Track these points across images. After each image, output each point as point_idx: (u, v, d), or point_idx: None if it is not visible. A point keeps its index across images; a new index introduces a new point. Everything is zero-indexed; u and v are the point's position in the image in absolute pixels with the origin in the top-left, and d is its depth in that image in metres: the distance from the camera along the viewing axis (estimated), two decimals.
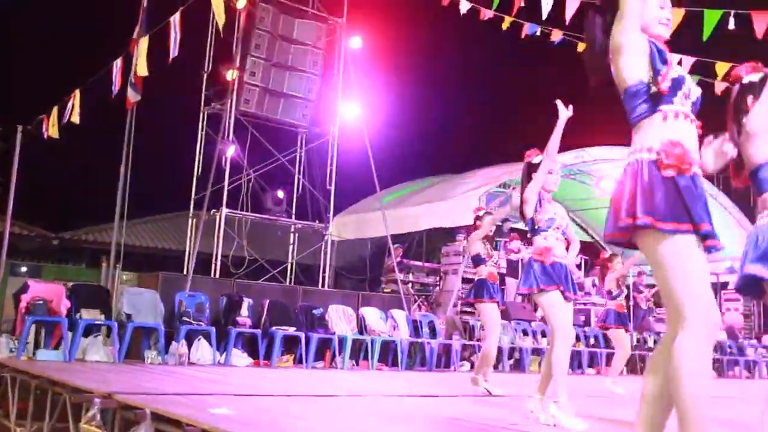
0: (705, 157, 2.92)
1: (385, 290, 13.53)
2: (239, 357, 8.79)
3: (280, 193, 12.09)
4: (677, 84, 2.72)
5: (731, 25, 7.39)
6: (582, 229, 19.10)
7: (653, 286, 15.22)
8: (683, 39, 7.53)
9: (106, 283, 11.93)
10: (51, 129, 9.04)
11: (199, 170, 12.07)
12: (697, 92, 2.83)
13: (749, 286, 2.82)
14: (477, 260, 7.48)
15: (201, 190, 12.25)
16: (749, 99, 2.95)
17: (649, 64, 2.73)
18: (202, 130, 12.15)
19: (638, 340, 13.47)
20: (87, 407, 4.42)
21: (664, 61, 2.74)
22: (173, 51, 8.51)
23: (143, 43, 12.68)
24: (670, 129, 2.69)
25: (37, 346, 7.84)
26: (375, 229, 14.37)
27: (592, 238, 19.36)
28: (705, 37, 7.69)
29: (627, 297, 9.47)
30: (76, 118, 8.96)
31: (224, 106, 11.66)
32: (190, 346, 8.52)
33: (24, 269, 21.32)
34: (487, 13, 9.23)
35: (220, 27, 8.66)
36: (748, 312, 18.34)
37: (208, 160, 12.17)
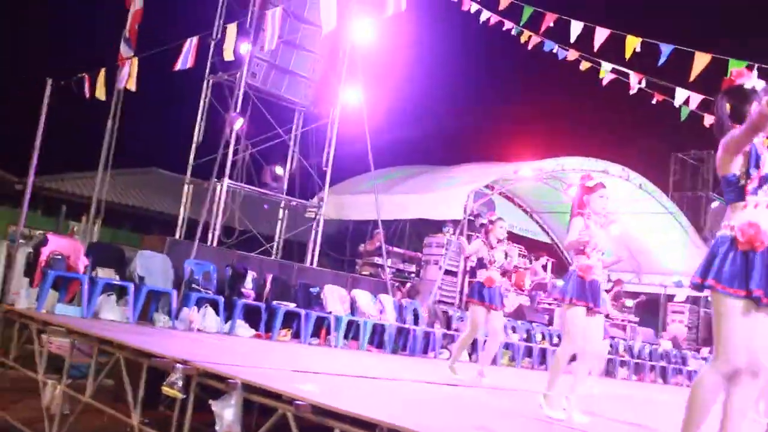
0: None
1: (362, 273, 13.96)
2: (243, 328, 9.10)
3: (279, 169, 12.34)
4: (764, 181, 3.31)
5: None
6: (543, 230, 19.95)
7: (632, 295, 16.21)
8: None
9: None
10: (98, 90, 9.06)
11: (200, 138, 12.18)
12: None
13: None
14: (480, 263, 7.98)
15: (198, 157, 12.42)
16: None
17: (745, 163, 3.32)
18: (205, 98, 12.24)
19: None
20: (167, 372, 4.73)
21: (757, 165, 3.31)
22: None
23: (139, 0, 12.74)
24: (750, 214, 3.28)
25: None
26: (359, 211, 14.79)
27: (552, 240, 20.24)
28: None
29: None
30: (132, 85, 9.02)
31: (232, 77, 11.79)
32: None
33: None
34: (506, 23, 9.62)
35: (324, 31, 8.80)
36: (691, 324, 19.55)
37: (208, 128, 12.34)
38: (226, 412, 4.24)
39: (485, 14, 9.02)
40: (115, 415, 5.97)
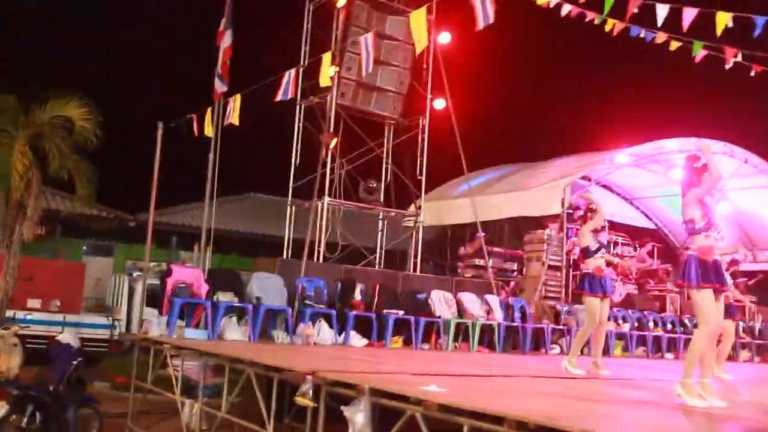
0: None
1: (465, 275, 14.07)
2: (357, 338, 9.43)
3: (374, 183, 12.67)
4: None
5: None
6: (647, 216, 19.42)
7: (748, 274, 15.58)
8: None
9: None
10: (207, 128, 9.70)
11: (297, 160, 12.67)
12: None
13: None
14: (586, 252, 7.95)
15: (295, 179, 12.91)
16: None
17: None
18: (299, 122, 12.74)
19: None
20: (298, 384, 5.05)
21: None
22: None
23: (228, 35, 13.34)
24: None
25: None
26: (456, 215, 14.92)
27: (656, 225, 19.67)
28: None
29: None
30: (236, 120, 9.61)
31: (323, 100, 12.22)
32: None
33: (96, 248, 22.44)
34: (588, 14, 9.56)
35: (417, 51, 9.14)
36: None
37: (303, 151, 12.83)
38: (358, 417, 4.51)
39: (566, 8, 9.00)
40: (250, 428, 6.38)
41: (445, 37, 13.06)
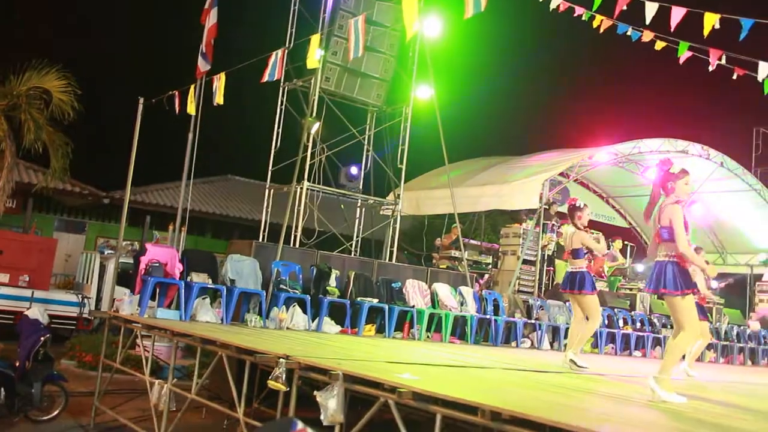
0: None
1: (440, 266, 14.09)
2: (330, 324, 9.38)
3: (354, 170, 12.59)
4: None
5: None
6: (620, 214, 19.63)
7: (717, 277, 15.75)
8: None
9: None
10: (189, 106, 9.55)
11: (278, 144, 12.55)
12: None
13: None
14: (580, 254, 7.93)
15: (274, 163, 12.78)
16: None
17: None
18: (282, 105, 12.60)
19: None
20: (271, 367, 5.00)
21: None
22: None
23: (214, 14, 13.16)
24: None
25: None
26: (434, 206, 14.93)
27: (630, 224, 19.89)
28: None
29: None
30: (220, 100, 9.45)
31: (306, 83, 12.11)
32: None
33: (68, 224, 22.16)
34: (576, 9, 9.55)
35: (408, 36, 9.02)
36: None
37: (284, 134, 12.71)
38: (330, 402, 4.46)
39: (555, 1, 8.98)
40: (220, 410, 6.33)
41: (432, 26, 12.96)
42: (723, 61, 8.56)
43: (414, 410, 4.25)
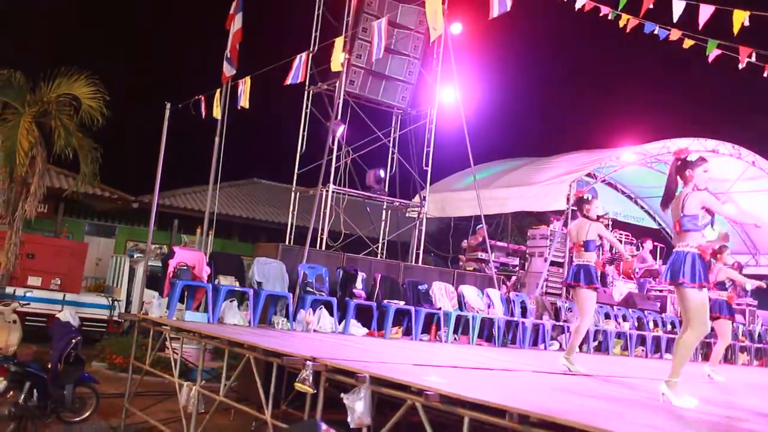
0: None
1: (467, 269, 14.05)
2: (356, 327, 9.40)
3: (381, 172, 12.62)
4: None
5: None
6: (650, 215, 19.38)
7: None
8: None
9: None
10: (215, 110, 9.66)
11: (303, 147, 12.61)
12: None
13: None
14: (588, 245, 7.77)
15: (300, 166, 12.85)
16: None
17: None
18: (306, 108, 12.67)
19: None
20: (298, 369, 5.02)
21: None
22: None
23: (238, 19, 13.25)
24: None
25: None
26: (460, 208, 14.89)
27: (659, 224, 19.63)
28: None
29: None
30: (246, 104, 9.55)
31: (331, 86, 12.16)
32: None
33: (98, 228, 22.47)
34: (602, 8, 9.47)
35: (432, 38, 9.04)
36: None
37: (309, 137, 12.77)
38: (357, 405, 4.47)
39: (580, 1, 8.91)
40: (248, 412, 6.36)
41: (456, 28, 12.95)
42: (753, 59, 8.42)
43: (441, 413, 4.23)
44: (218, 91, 9.91)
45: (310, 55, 12.67)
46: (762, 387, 8.91)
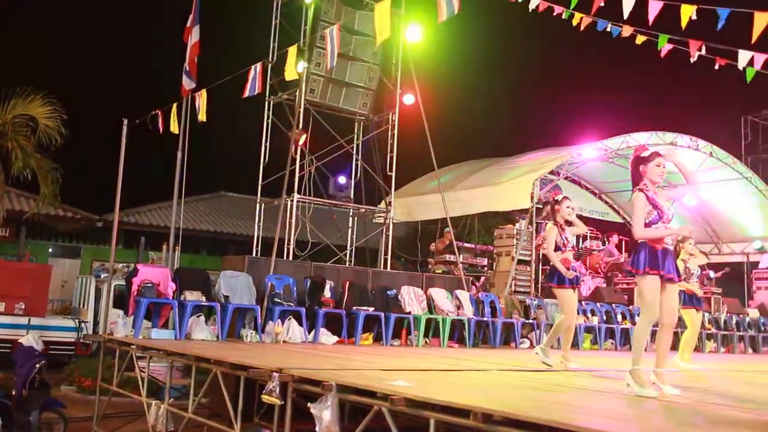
0: None
1: (436, 271, 14.10)
2: (326, 336, 9.37)
3: (343, 179, 12.61)
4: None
5: None
6: (614, 210, 19.66)
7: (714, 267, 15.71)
8: None
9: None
10: (172, 125, 9.55)
11: (266, 158, 12.56)
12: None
13: None
14: (555, 247, 7.89)
15: (264, 177, 12.79)
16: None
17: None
18: (268, 119, 12.62)
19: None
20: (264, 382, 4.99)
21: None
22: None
23: (196, 32, 13.16)
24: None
25: None
26: (426, 211, 14.94)
27: (624, 219, 19.91)
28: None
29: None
30: (203, 117, 9.47)
31: (291, 96, 12.13)
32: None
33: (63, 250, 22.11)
34: (555, 8, 9.59)
35: (377, 42, 9.05)
36: None
37: (272, 148, 12.73)
38: (325, 414, 4.45)
39: (534, 1, 9.01)
40: (219, 428, 6.29)
41: (414, 33, 13.01)
42: (704, 52, 8.60)
43: (412, 417, 4.23)
44: (174, 105, 9.82)
45: (269, 65, 12.64)
46: (729, 372, 9.07)
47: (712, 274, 15.59)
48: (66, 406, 8.15)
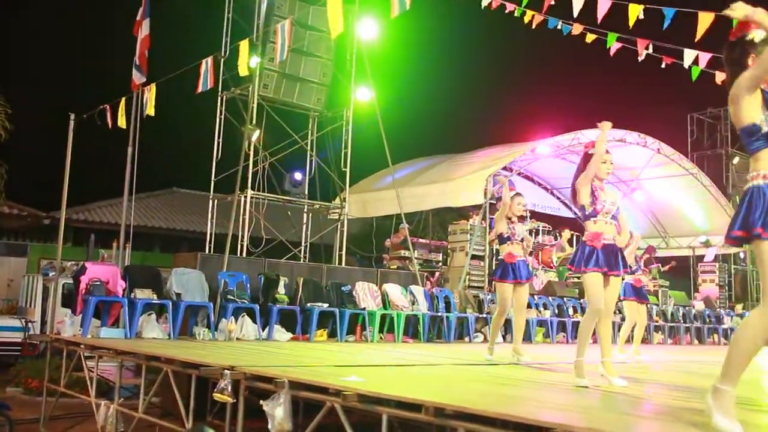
0: None
1: (391, 267, 14.14)
2: (281, 332, 9.31)
3: (298, 175, 12.54)
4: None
5: None
6: (566, 205, 19.99)
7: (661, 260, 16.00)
8: None
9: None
10: (120, 119, 9.34)
11: (219, 153, 12.41)
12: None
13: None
14: (501, 239, 8.00)
15: (218, 172, 12.63)
16: (750, 58, 3.26)
17: (763, 108, 3.22)
18: (221, 114, 12.47)
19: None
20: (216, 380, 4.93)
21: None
22: None
23: (146, 25, 12.93)
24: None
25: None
26: (381, 207, 14.97)
27: (575, 214, 20.25)
28: None
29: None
30: (151, 111, 9.27)
31: (245, 91, 12.00)
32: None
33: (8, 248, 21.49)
34: (508, 5, 9.70)
35: (332, 37, 8.97)
36: (722, 283, 19.49)
37: (226, 143, 12.58)
38: (277, 411, 4.42)
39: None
40: (170, 427, 6.20)
41: (368, 28, 12.99)
42: (651, 51, 8.80)
43: (367, 413, 4.24)
44: (123, 99, 9.62)
45: (221, 59, 12.49)
46: (672, 362, 9.31)
47: (660, 267, 15.98)
48: (12, 408, 7.92)
